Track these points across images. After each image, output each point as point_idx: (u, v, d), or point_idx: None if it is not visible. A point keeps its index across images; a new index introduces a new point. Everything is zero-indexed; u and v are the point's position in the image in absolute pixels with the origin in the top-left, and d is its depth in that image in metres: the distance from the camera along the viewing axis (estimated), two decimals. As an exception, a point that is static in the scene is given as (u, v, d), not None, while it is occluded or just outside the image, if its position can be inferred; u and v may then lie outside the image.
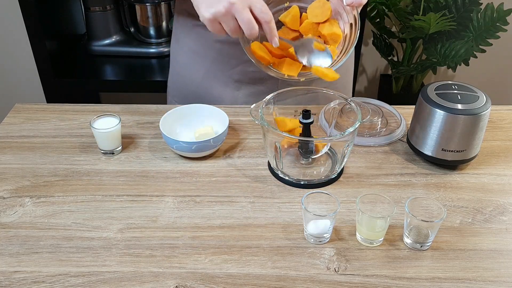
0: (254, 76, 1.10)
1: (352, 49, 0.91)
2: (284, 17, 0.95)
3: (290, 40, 0.93)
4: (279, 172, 0.93)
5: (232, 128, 1.07)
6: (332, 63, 0.91)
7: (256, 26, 0.83)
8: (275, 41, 0.87)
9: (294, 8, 0.94)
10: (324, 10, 0.93)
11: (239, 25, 0.84)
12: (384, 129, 1.06)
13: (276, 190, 0.91)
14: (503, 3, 1.83)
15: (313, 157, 0.97)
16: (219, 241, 0.80)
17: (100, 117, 0.99)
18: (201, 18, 0.86)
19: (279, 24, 0.96)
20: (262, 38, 0.92)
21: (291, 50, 0.93)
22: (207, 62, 1.12)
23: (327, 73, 0.88)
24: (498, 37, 1.89)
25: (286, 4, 0.97)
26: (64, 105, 1.15)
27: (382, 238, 0.80)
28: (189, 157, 0.98)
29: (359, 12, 0.91)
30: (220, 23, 0.85)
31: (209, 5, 0.84)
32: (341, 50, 0.93)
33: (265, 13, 0.84)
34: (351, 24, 0.92)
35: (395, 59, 2.16)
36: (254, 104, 0.93)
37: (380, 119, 1.07)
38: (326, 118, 1.03)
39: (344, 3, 0.90)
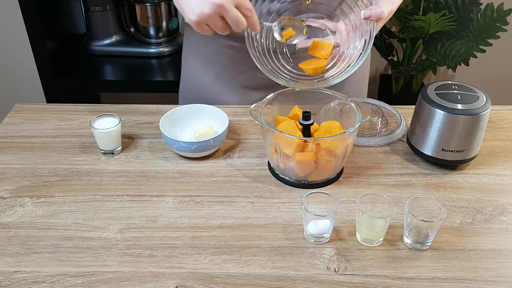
0: (263, 82, 1.10)
1: (357, 67, 0.89)
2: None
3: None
4: (279, 172, 0.93)
5: (232, 128, 1.07)
6: (334, 75, 0.92)
7: (245, 21, 0.83)
8: (256, 29, 0.87)
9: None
10: (325, 47, 0.94)
11: (226, 23, 0.84)
12: (384, 129, 1.06)
13: (276, 190, 0.91)
14: (503, 3, 1.83)
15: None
16: (219, 241, 0.80)
17: (100, 117, 0.99)
18: (186, 20, 0.85)
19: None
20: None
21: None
22: (217, 67, 1.13)
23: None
24: (498, 37, 1.89)
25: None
26: (64, 105, 1.15)
27: (382, 238, 0.80)
28: (189, 157, 0.98)
29: (375, 28, 0.88)
30: (207, 24, 0.84)
31: (194, 7, 0.82)
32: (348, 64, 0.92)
33: (249, 9, 0.84)
34: (365, 40, 0.90)
35: (395, 59, 2.16)
36: (254, 104, 0.93)
37: (380, 119, 1.07)
38: (326, 118, 1.03)
39: (362, 16, 0.89)
